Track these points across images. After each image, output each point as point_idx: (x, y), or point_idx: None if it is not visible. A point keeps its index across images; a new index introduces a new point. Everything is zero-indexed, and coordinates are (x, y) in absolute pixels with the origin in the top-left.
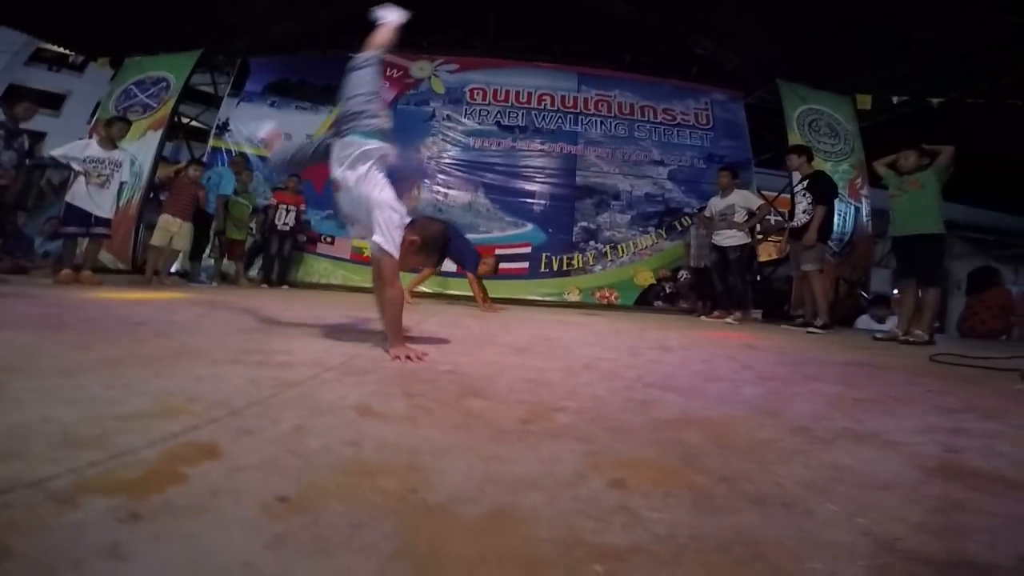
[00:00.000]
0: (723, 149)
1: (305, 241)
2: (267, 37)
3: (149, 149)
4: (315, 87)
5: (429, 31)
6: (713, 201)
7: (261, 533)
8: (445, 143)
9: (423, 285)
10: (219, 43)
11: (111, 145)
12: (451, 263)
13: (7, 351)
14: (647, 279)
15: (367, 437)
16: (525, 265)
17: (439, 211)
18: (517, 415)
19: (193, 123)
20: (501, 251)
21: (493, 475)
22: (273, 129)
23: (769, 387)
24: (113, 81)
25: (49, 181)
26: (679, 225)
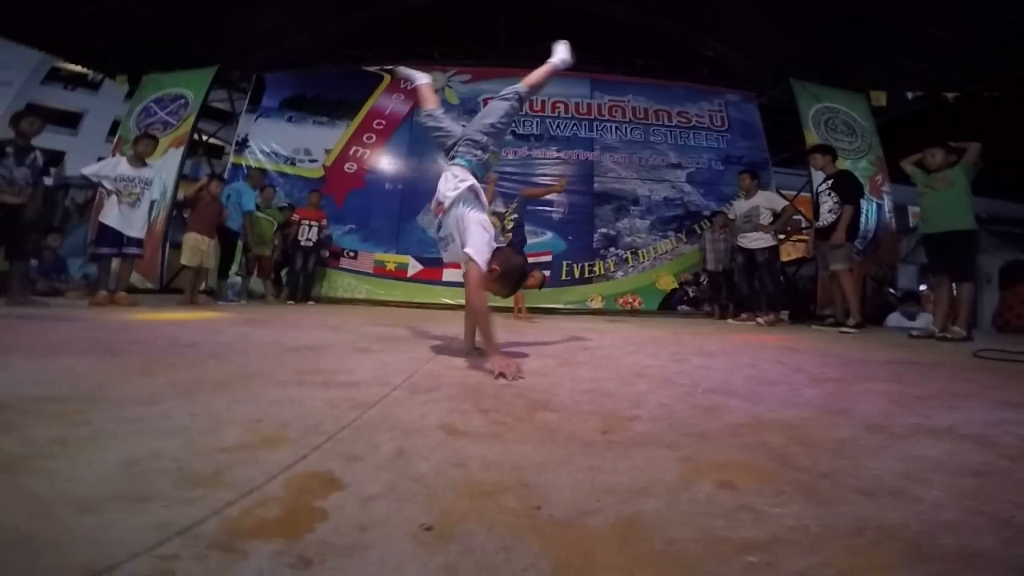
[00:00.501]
0: (740, 150)
1: (328, 256)
2: (281, 52)
3: (171, 166)
4: (330, 101)
5: (440, 43)
6: (736, 204)
7: (430, 567)
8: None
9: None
10: (234, 59)
11: (140, 163)
12: None
13: (74, 378)
14: (669, 283)
15: (467, 457)
16: (547, 274)
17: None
18: (593, 426)
19: (211, 140)
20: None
21: (601, 485)
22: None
23: (827, 388)
24: (132, 99)
25: (73, 200)
26: (699, 228)
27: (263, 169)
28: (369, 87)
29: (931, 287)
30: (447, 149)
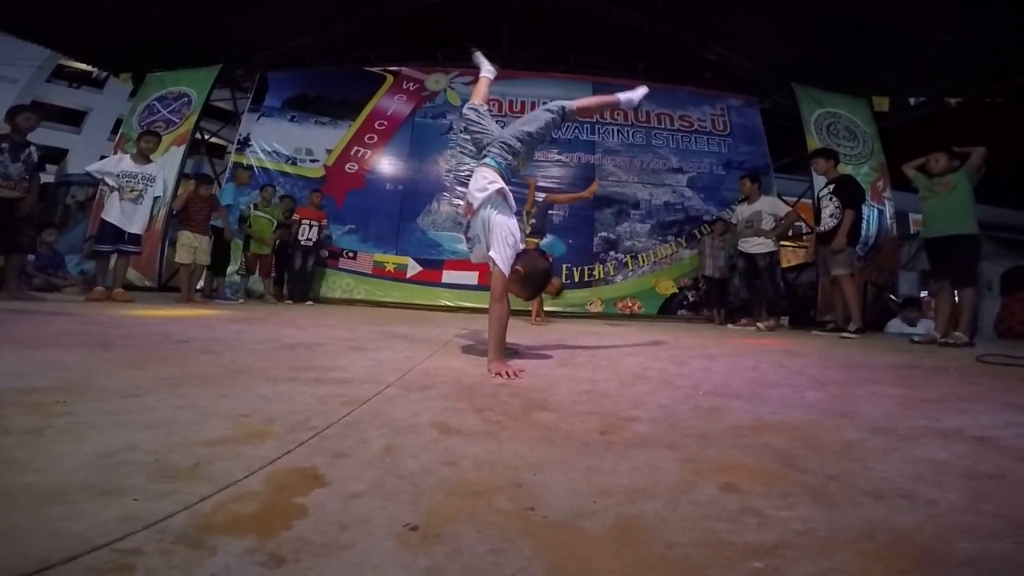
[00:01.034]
0: (741, 155)
1: (327, 256)
2: (284, 52)
3: (173, 165)
4: (333, 101)
5: (443, 44)
6: (739, 208)
7: (412, 569)
8: (463, 155)
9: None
10: (237, 58)
11: (144, 160)
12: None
13: (61, 370)
14: (669, 288)
15: (460, 456)
16: (563, 280)
17: (459, 224)
18: (592, 426)
19: (213, 139)
20: None
21: (598, 486)
22: None
23: (830, 391)
24: (135, 97)
25: (74, 198)
26: (699, 233)
27: (249, 166)
28: (372, 87)
29: (932, 293)
30: (480, 147)
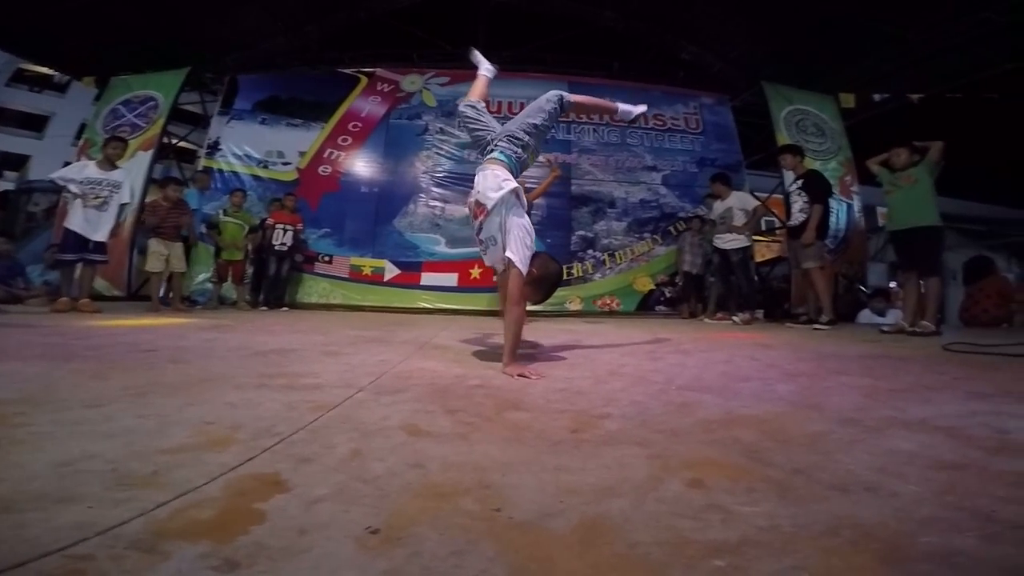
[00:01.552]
0: (714, 152)
1: (303, 261)
2: (255, 54)
3: (140, 170)
4: (305, 102)
5: (419, 45)
6: (715, 205)
7: (370, 572)
8: (439, 156)
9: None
10: (206, 61)
11: (109, 166)
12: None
13: (21, 383)
14: (646, 285)
15: (428, 458)
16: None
17: (436, 225)
18: (564, 425)
19: (182, 143)
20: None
21: (566, 486)
22: None
23: (800, 383)
24: (99, 101)
25: (37, 205)
26: (674, 230)
27: (207, 169)
28: (345, 89)
29: (900, 283)
30: (482, 144)
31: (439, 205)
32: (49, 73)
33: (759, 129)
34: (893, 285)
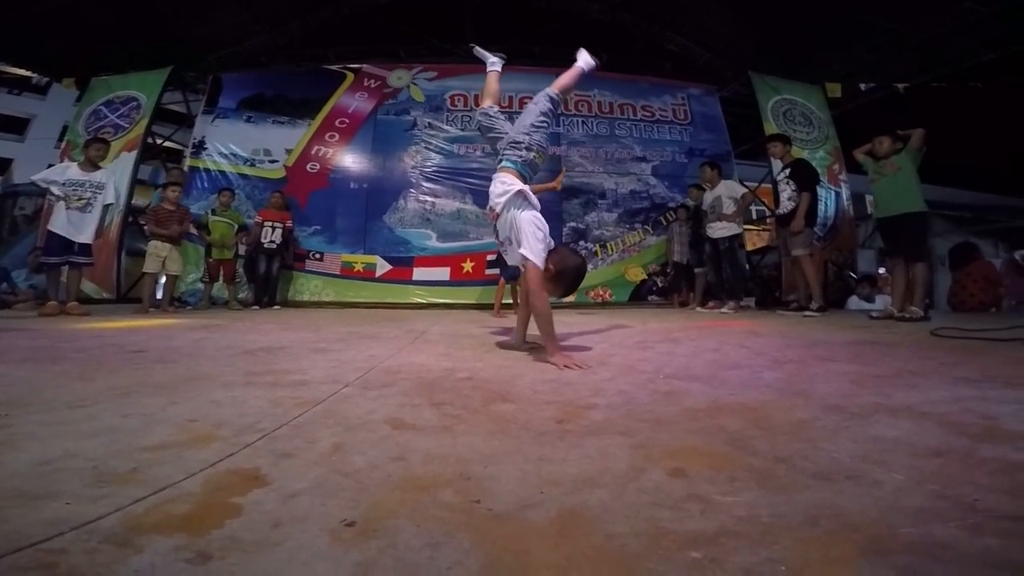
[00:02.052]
0: (703, 143)
1: (294, 260)
2: (239, 52)
3: (124, 171)
4: (291, 100)
5: (406, 40)
6: (705, 195)
7: (342, 563)
8: (428, 151)
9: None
10: (189, 60)
11: (92, 167)
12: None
13: (6, 385)
14: (638, 275)
15: (410, 450)
16: None
17: (427, 220)
18: (550, 416)
19: (167, 143)
20: (492, 257)
21: (547, 476)
22: None
23: (788, 370)
24: (80, 102)
25: (22, 209)
26: (664, 220)
27: (181, 169)
28: (331, 86)
29: (888, 270)
30: (497, 149)
31: (429, 200)
32: (28, 75)
33: (747, 119)
34: (883, 271)
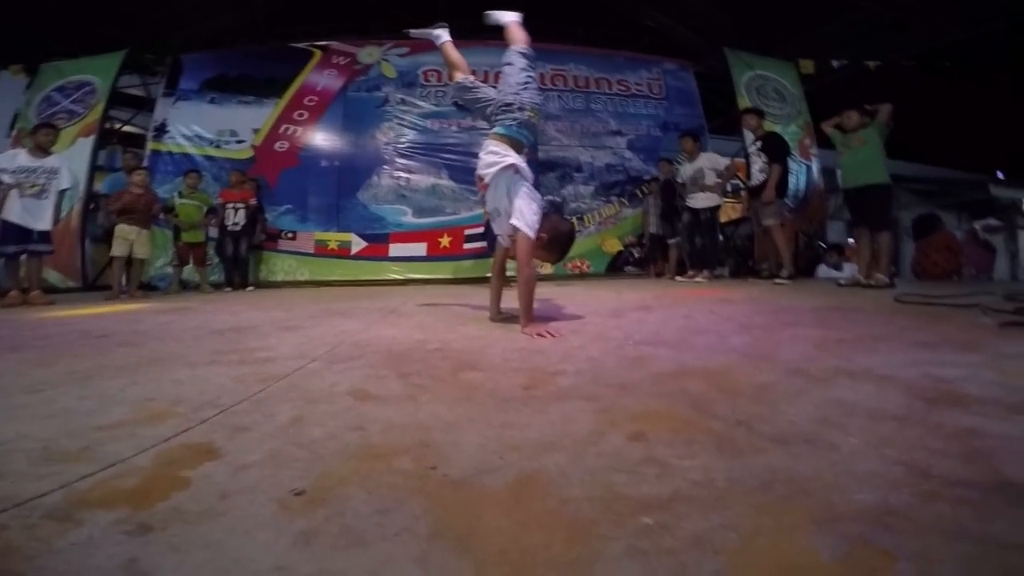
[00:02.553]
0: (677, 117)
1: (264, 239)
2: (200, 32)
3: (82, 157)
4: (256, 80)
5: (376, 16)
6: (682, 168)
7: (286, 532)
8: (402, 127)
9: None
10: (146, 41)
11: (42, 153)
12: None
13: None
14: (615, 246)
15: (370, 420)
16: None
17: (402, 196)
18: (517, 383)
19: (127, 127)
20: (471, 231)
21: (509, 442)
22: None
23: (754, 335)
24: (30, 89)
25: None
26: (640, 192)
27: (136, 152)
28: (298, 64)
29: (854, 238)
30: (487, 117)
31: (404, 176)
32: None
33: (721, 95)
34: (851, 242)
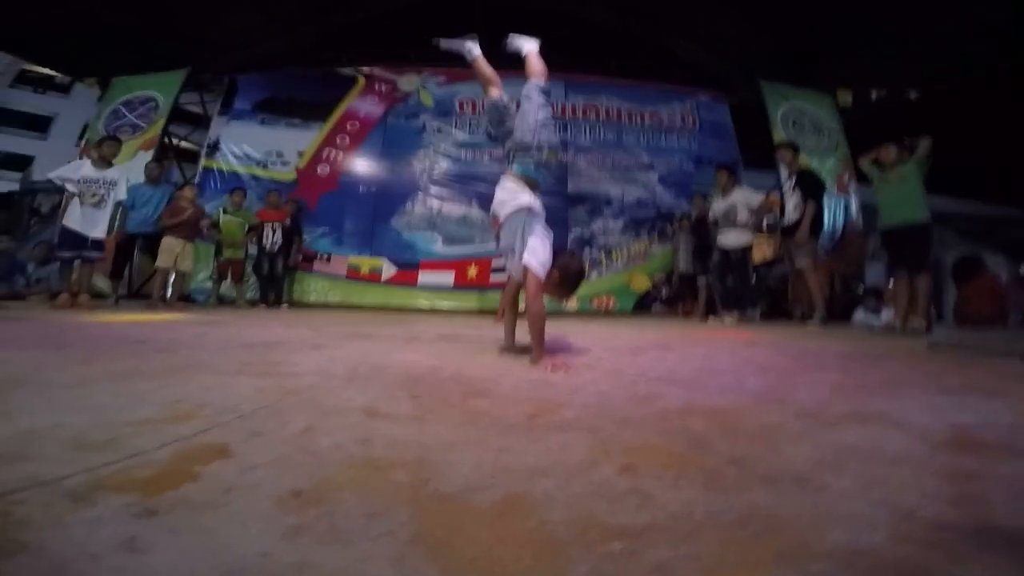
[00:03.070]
0: (711, 150)
1: (301, 260)
2: (254, 54)
3: (139, 170)
4: (304, 103)
5: (415, 44)
6: (715, 204)
7: (277, 525)
8: (437, 155)
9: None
10: (206, 61)
11: (105, 164)
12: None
13: (11, 367)
14: (643, 284)
15: (376, 435)
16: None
17: (433, 224)
18: (523, 411)
19: (184, 143)
20: (498, 262)
21: (503, 465)
22: None
23: (771, 378)
24: (101, 102)
25: (41, 205)
26: (670, 229)
27: (160, 161)
28: (343, 89)
29: (893, 280)
30: (506, 151)
31: (436, 204)
32: (52, 74)
33: (757, 127)
34: (891, 284)
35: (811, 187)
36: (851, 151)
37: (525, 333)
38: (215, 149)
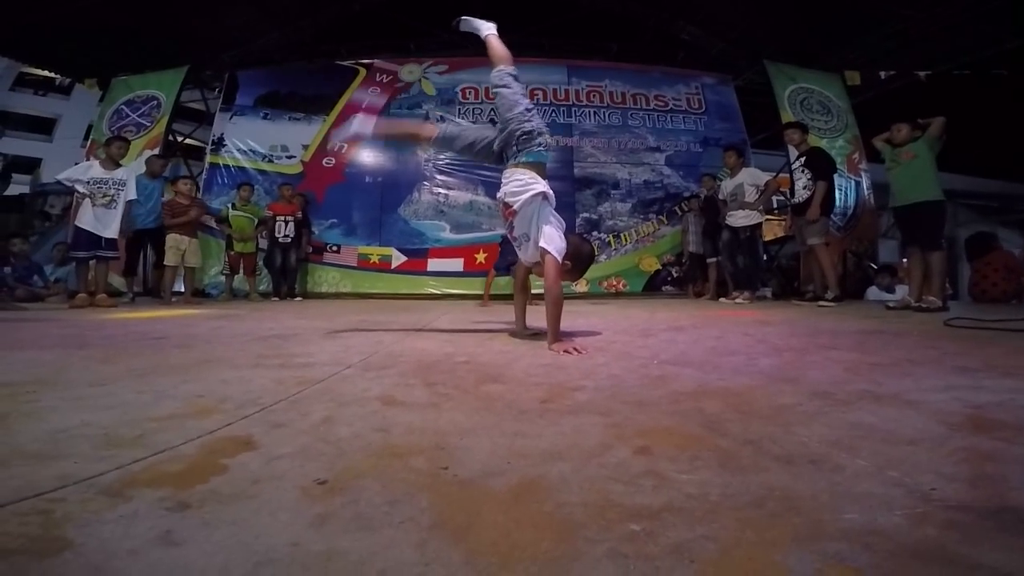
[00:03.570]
0: (718, 132)
1: (310, 252)
2: (252, 50)
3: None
4: (305, 96)
5: (416, 34)
6: (723, 183)
7: (304, 514)
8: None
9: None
10: (205, 58)
11: (113, 165)
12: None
13: (36, 367)
14: (652, 265)
15: (394, 423)
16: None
17: (441, 212)
18: (536, 396)
19: (188, 141)
20: None
21: (518, 450)
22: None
23: (785, 357)
24: (102, 102)
25: (52, 207)
26: (679, 210)
27: (163, 156)
28: (345, 81)
29: (906, 258)
30: (506, 143)
31: (443, 192)
32: (52, 76)
33: (764, 108)
34: (904, 262)
35: (821, 165)
36: (862, 131)
37: (533, 317)
38: (220, 145)
